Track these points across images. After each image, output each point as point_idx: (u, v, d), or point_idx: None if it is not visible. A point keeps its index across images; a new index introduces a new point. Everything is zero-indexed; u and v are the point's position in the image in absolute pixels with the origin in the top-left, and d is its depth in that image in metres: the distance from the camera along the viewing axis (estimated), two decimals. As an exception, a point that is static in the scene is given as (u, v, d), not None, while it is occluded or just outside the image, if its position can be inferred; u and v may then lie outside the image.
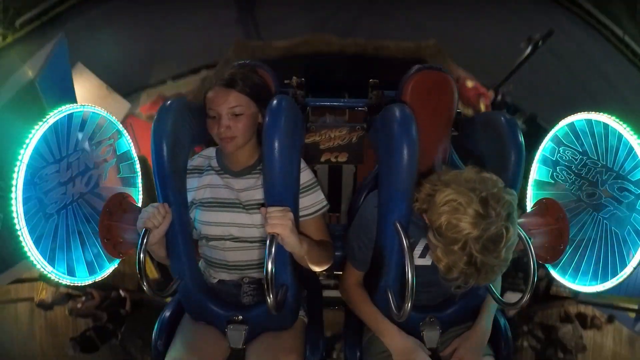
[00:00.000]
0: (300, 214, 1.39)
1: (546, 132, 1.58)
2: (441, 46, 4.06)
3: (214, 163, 1.47)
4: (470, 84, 4.11)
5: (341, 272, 1.57)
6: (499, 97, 4.05)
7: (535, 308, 3.60)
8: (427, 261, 1.40)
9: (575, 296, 3.52)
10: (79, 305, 3.49)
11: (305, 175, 1.41)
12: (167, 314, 1.56)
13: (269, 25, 5.00)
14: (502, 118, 1.36)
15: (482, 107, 4.12)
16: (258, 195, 1.40)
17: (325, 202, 1.44)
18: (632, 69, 4.48)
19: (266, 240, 1.20)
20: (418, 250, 1.39)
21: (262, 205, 1.33)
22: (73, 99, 2.70)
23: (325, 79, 2.30)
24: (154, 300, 3.40)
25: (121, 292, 3.52)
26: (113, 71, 4.19)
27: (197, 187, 1.45)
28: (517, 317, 3.52)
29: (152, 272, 3.45)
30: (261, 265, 1.43)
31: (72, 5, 4.44)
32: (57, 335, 3.56)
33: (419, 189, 1.27)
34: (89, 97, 3.92)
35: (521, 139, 1.33)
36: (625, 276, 1.34)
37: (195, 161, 1.49)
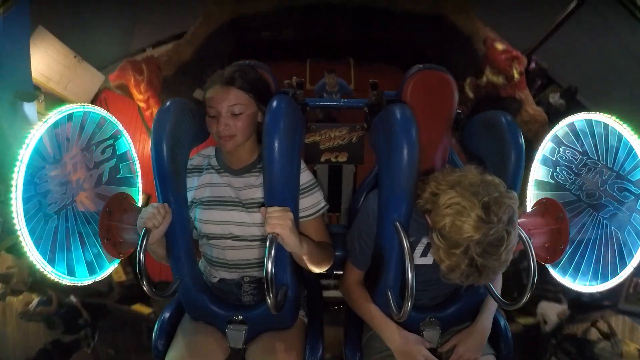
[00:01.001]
0: (300, 214, 1.39)
1: (584, 109, 1.51)
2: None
3: (214, 162, 1.47)
4: (500, 46, 3.38)
5: (341, 272, 1.57)
6: (533, 65, 3.34)
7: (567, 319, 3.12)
8: (428, 260, 1.40)
9: (615, 306, 3.04)
10: (31, 308, 3.12)
11: (305, 177, 1.41)
12: (167, 314, 1.56)
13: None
14: (502, 118, 1.36)
15: (516, 74, 3.35)
16: (258, 193, 1.40)
17: (324, 203, 1.44)
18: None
19: (266, 240, 1.20)
20: (419, 249, 1.39)
21: (262, 204, 1.33)
22: (27, 69, 2.40)
23: (326, 37, 2.06)
24: (119, 308, 3.19)
25: (72, 297, 3.19)
26: (87, 42, 3.77)
27: (197, 186, 1.45)
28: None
29: (120, 275, 3.25)
30: (261, 263, 1.43)
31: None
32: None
33: (423, 186, 1.27)
34: (54, 66, 3.43)
35: (521, 139, 1.33)
36: (625, 276, 1.34)
37: (194, 160, 1.49)
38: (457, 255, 1.12)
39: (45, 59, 3.37)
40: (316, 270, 1.43)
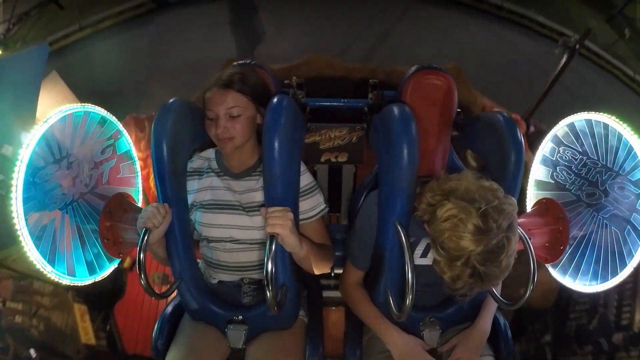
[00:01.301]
0: (300, 217, 1.38)
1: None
2: (461, 69, 3.29)
3: (214, 165, 1.46)
4: None
5: (341, 272, 1.57)
6: (532, 128, 3.25)
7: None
8: (428, 261, 1.40)
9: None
10: None
11: (305, 179, 1.40)
12: (167, 314, 1.56)
13: (267, 48, 4.74)
14: (502, 118, 1.36)
15: None
16: (259, 197, 1.39)
17: (324, 205, 1.43)
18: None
19: (266, 241, 1.20)
20: (419, 249, 1.39)
21: (263, 206, 1.33)
22: (32, 109, 2.39)
23: (327, 108, 2.06)
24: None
25: (32, 352, 2.68)
26: (97, 92, 3.77)
27: (197, 190, 1.45)
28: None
29: (89, 337, 2.83)
30: (261, 266, 1.43)
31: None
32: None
33: (419, 197, 1.26)
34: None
35: (521, 138, 1.33)
36: (625, 276, 1.34)
37: (194, 163, 1.48)
38: (458, 267, 1.11)
39: (52, 103, 3.22)
40: (316, 271, 1.43)
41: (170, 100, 1.36)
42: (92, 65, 4.57)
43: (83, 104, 1.48)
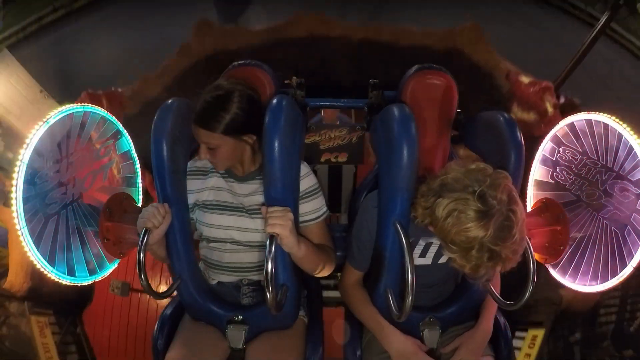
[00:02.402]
0: (302, 219, 1.38)
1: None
2: (480, 28, 2.89)
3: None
4: (525, 79, 2.85)
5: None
6: (563, 99, 2.84)
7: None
8: (427, 261, 1.40)
9: None
10: None
11: (309, 181, 1.40)
12: (167, 313, 1.56)
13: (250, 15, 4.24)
14: (502, 117, 1.36)
15: (549, 108, 2.78)
16: (262, 200, 1.38)
17: (326, 208, 1.43)
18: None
19: (266, 241, 1.20)
20: (418, 249, 1.39)
21: (263, 205, 1.33)
22: None
23: (321, 78, 1.82)
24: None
25: None
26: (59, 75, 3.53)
27: (200, 189, 1.44)
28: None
29: (51, 354, 2.42)
30: (261, 267, 1.43)
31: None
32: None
33: (414, 206, 1.25)
34: (15, 97, 2.91)
35: (520, 137, 1.33)
36: (625, 276, 1.34)
37: (198, 162, 1.46)
38: (474, 256, 1.10)
39: (7, 88, 2.89)
40: (316, 274, 1.42)
41: (170, 101, 1.35)
42: (64, 48, 4.35)
43: (83, 104, 1.48)
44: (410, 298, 1.20)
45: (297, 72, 1.69)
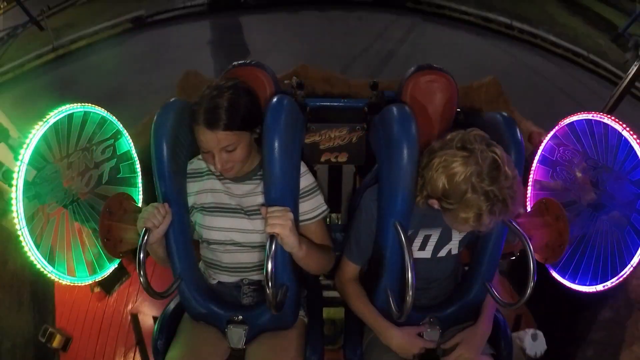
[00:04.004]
0: (301, 218, 1.38)
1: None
2: (499, 84, 2.68)
3: (213, 167, 1.46)
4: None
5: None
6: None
7: None
8: (426, 254, 1.40)
9: None
10: None
11: (307, 180, 1.40)
12: (167, 314, 1.56)
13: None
14: (501, 117, 1.36)
15: (578, 173, 1.95)
16: (259, 200, 1.38)
17: (325, 207, 1.43)
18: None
19: (266, 242, 1.20)
20: (417, 242, 1.39)
21: (263, 206, 1.33)
22: None
23: (327, 108, 1.71)
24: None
25: None
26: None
27: (197, 192, 1.44)
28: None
29: None
30: (261, 267, 1.43)
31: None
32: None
33: (417, 197, 1.28)
34: None
35: (520, 136, 1.33)
36: (625, 276, 1.34)
37: (194, 164, 1.46)
38: (471, 200, 1.13)
39: None
40: (315, 272, 1.42)
41: (171, 100, 1.35)
42: (60, 87, 4.42)
43: (83, 103, 1.48)
44: (410, 298, 1.20)
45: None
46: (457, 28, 5.82)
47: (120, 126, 1.64)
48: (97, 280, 2.04)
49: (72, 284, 1.43)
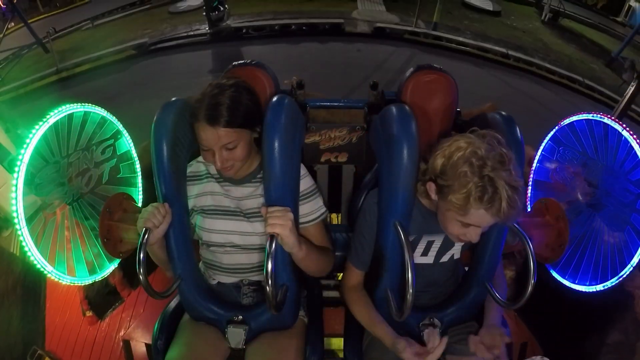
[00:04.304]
0: (301, 220, 1.38)
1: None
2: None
3: (212, 170, 1.44)
4: (551, 165, 2.06)
5: (341, 273, 1.57)
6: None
7: None
8: (428, 259, 1.40)
9: None
10: None
11: (306, 182, 1.40)
12: (167, 314, 1.56)
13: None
14: (501, 117, 1.36)
15: (579, 197, 1.93)
16: (258, 203, 1.38)
17: (324, 209, 1.43)
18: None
19: (266, 242, 1.20)
20: (420, 248, 1.38)
21: (264, 206, 1.32)
22: None
23: (327, 108, 1.66)
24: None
25: None
26: None
27: (197, 194, 1.44)
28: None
29: None
30: (261, 268, 1.43)
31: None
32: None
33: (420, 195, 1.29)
34: None
35: (520, 136, 1.33)
36: (625, 276, 1.34)
37: (193, 167, 1.45)
38: (464, 178, 1.09)
39: None
40: (314, 274, 1.42)
41: (171, 100, 1.35)
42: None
43: (83, 103, 1.48)
44: (410, 298, 1.20)
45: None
46: (455, 58, 5.95)
47: (120, 126, 1.64)
48: (88, 306, 2.00)
49: (72, 284, 1.43)
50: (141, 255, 1.22)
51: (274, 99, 1.31)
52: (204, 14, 7.06)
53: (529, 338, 2.12)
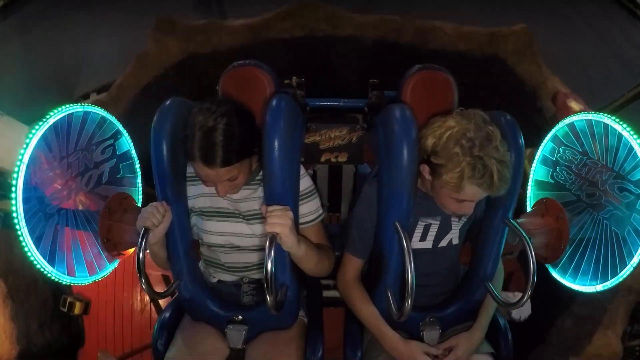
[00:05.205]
0: (300, 221, 1.38)
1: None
2: (531, 34, 2.24)
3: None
4: (576, 105, 2.09)
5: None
6: None
7: None
8: (427, 244, 1.40)
9: None
10: None
11: (305, 182, 1.40)
12: (167, 314, 1.56)
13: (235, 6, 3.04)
14: (502, 118, 1.36)
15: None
16: (257, 205, 1.38)
17: (322, 210, 1.43)
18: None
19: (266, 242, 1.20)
20: (418, 232, 1.39)
21: (262, 215, 1.31)
22: None
23: (324, 83, 1.61)
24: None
25: None
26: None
27: (196, 195, 1.44)
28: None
29: None
30: (261, 266, 1.43)
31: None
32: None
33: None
34: None
35: (521, 138, 1.33)
36: (625, 276, 1.34)
37: (191, 167, 1.44)
38: (459, 155, 1.16)
39: None
40: (314, 274, 1.42)
41: (170, 100, 1.35)
42: None
43: (83, 103, 1.48)
44: (410, 298, 1.20)
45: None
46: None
47: (120, 126, 1.64)
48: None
49: (73, 284, 1.43)
50: (141, 255, 1.22)
51: (274, 99, 1.31)
52: None
53: (516, 269, 2.13)
